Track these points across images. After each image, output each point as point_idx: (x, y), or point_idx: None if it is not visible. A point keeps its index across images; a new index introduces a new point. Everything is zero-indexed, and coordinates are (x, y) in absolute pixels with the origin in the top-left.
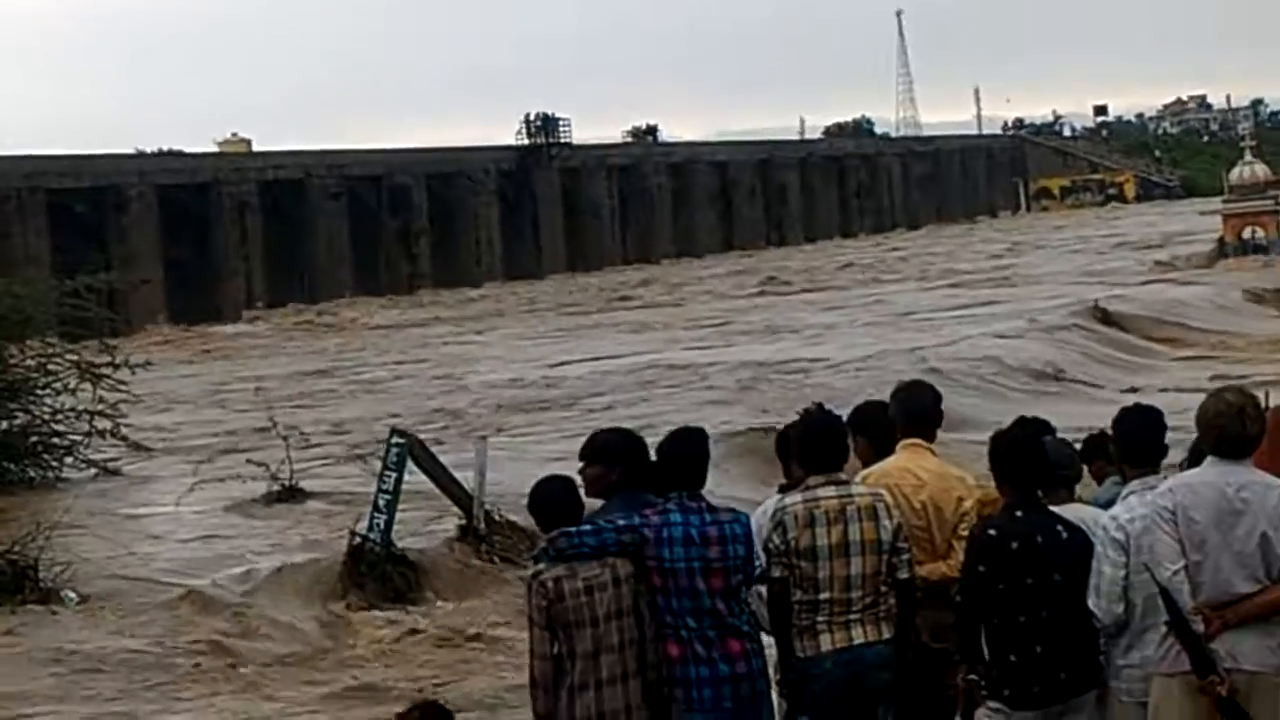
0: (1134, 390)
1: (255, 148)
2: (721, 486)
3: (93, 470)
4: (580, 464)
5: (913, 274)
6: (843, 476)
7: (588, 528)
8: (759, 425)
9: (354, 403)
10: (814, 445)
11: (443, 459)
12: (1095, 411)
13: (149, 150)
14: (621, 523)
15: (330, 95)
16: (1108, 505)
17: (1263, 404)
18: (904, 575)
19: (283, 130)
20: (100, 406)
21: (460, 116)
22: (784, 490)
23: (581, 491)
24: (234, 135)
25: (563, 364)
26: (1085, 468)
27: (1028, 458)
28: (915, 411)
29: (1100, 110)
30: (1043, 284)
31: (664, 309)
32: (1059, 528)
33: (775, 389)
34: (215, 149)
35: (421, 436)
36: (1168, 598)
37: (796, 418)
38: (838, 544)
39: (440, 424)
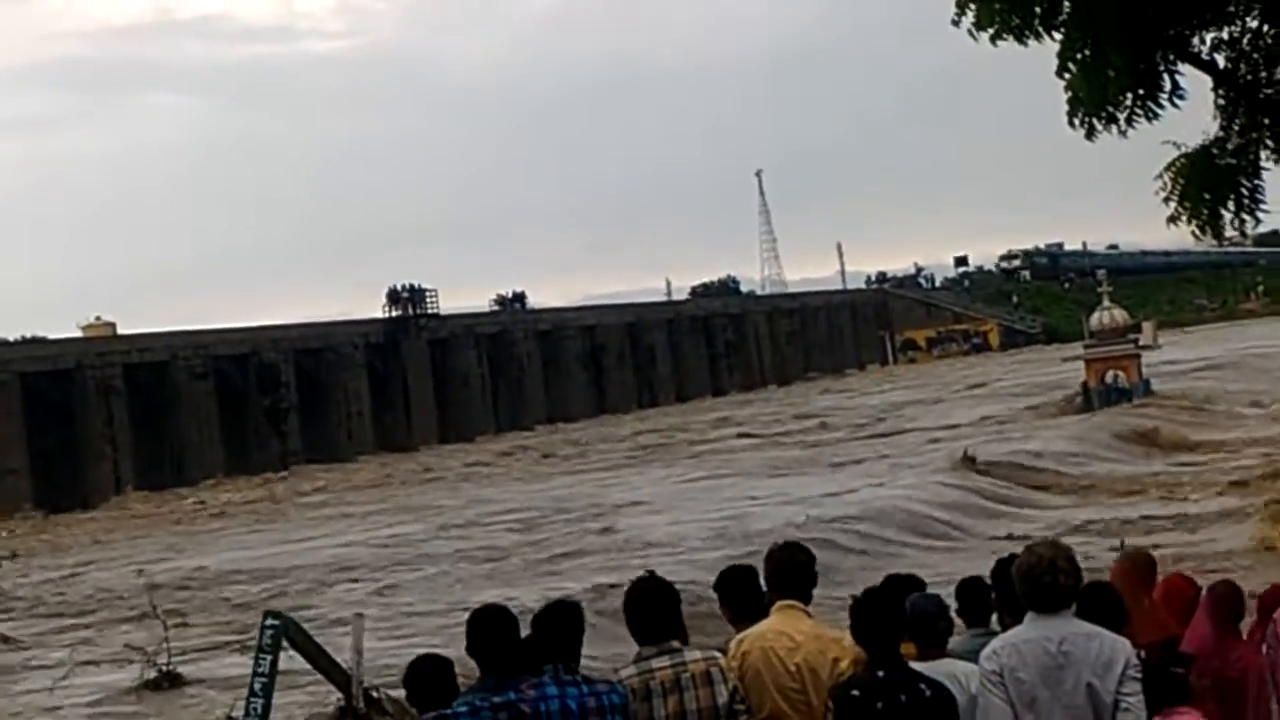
0: (1009, 538)
1: (120, 330)
2: None
3: None
4: None
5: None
6: (675, 644)
7: (464, 709)
8: None
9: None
10: (640, 614)
11: None
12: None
13: (10, 338)
14: (497, 699)
15: (193, 274)
16: (969, 656)
17: (1119, 547)
18: None
19: (146, 310)
20: None
21: (324, 291)
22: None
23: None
24: (97, 319)
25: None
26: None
27: (885, 616)
28: (789, 573)
29: (961, 260)
30: (916, 434)
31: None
32: (921, 685)
33: None
34: (79, 333)
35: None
36: None
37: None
38: (674, 713)
39: None
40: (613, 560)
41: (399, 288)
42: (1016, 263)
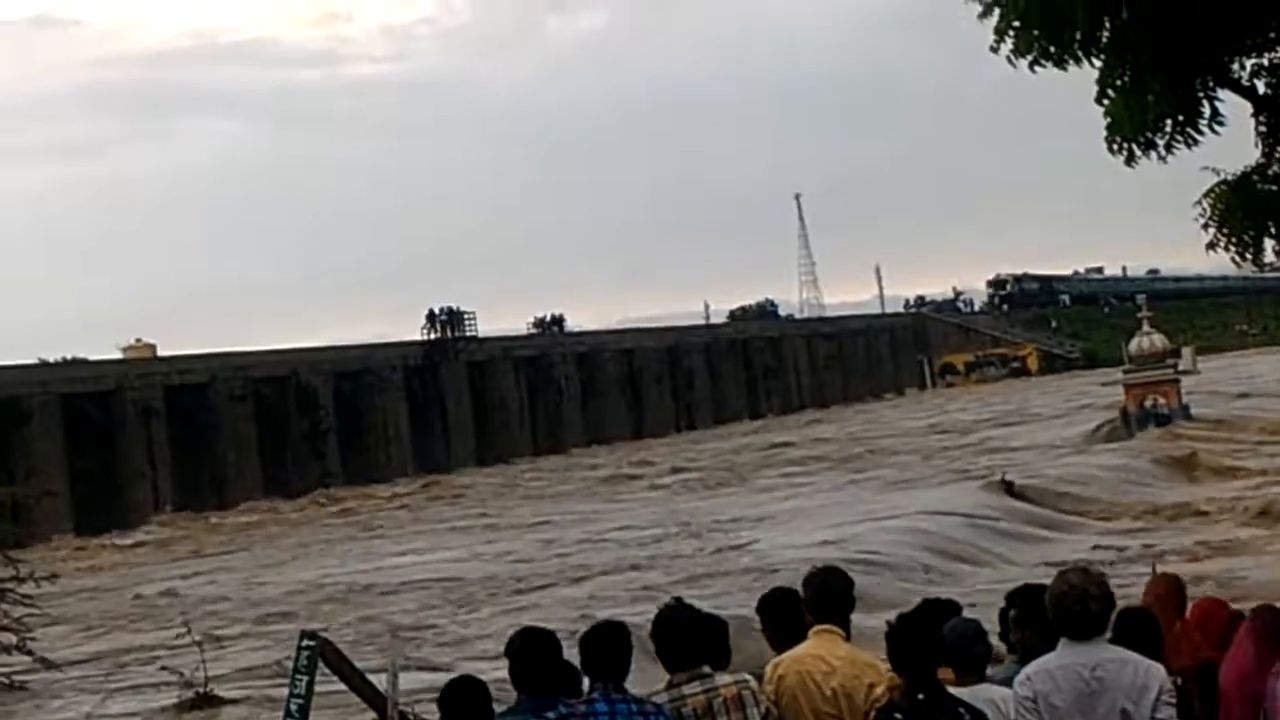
0: (1044, 564)
1: (160, 352)
2: None
3: None
4: None
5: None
6: (706, 670)
7: None
8: None
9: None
10: (669, 641)
11: None
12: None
13: (52, 359)
14: (551, 716)
15: (233, 297)
16: (1010, 683)
17: (1151, 572)
18: None
19: (186, 333)
20: (4, 621)
21: (362, 314)
22: None
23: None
24: (138, 340)
25: None
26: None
27: (922, 641)
28: (826, 597)
29: (998, 285)
30: (956, 459)
31: None
32: (960, 710)
33: None
34: (119, 355)
35: None
36: None
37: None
38: None
39: None
40: (753, 581)
41: (437, 310)
42: (1006, 288)
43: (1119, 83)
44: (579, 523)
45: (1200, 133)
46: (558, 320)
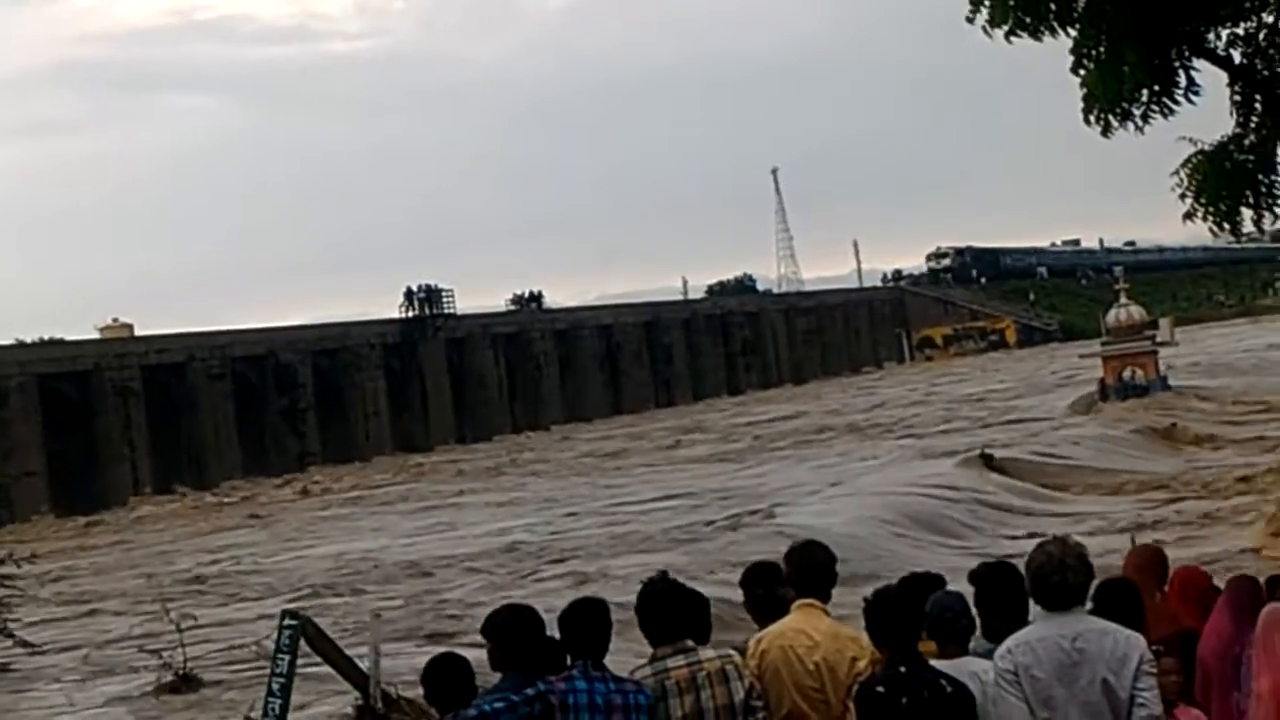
0: (1028, 536)
1: (138, 332)
2: None
3: None
4: None
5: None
6: (689, 643)
7: (500, 703)
8: None
9: None
10: (653, 615)
11: None
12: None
13: (29, 340)
14: (530, 692)
15: (210, 275)
16: (990, 656)
17: (1131, 544)
18: None
19: (163, 312)
20: None
21: (340, 291)
22: None
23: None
24: (115, 320)
25: None
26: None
27: (900, 614)
28: (808, 572)
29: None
30: (938, 433)
31: None
32: (943, 682)
33: None
34: (97, 335)
35: None
36: None
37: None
38: (691, 713)
39: None
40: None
41: (415, 288)
42: (946, 261)
43: (1094, 53)
44: (605, 495)
45: (1176, 103)
46: (536, 297)
